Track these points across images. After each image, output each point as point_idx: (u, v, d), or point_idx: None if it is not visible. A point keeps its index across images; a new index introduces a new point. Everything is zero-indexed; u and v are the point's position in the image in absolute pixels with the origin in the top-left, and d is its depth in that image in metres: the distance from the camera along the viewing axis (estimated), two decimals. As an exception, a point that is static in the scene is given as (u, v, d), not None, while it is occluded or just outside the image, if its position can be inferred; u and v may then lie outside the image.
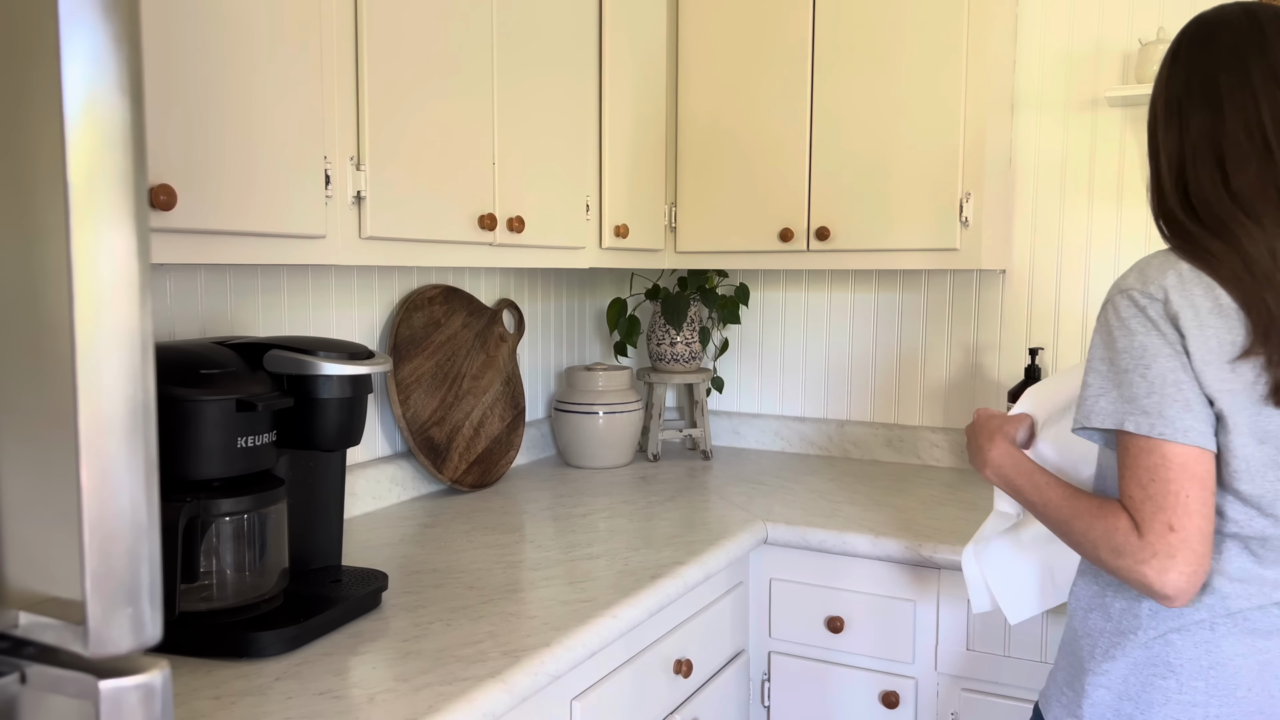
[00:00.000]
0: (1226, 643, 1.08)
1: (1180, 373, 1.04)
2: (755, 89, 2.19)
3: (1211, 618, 1.08)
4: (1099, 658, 1.14)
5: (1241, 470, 1.05)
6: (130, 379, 0.60)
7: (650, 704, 1.52)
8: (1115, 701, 1.12)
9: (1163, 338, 1.05)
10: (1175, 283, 1.06)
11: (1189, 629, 1.09)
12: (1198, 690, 1.09)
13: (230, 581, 1.23)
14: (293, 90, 1.31)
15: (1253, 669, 1.08)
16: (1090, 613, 1.17)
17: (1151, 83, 2.06)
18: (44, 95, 0.58)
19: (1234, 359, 1.03)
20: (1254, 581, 1.08)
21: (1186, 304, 1.05)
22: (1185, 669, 1.09)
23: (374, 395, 1.95)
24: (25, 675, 0.64)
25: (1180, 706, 1.09)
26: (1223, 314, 1.04)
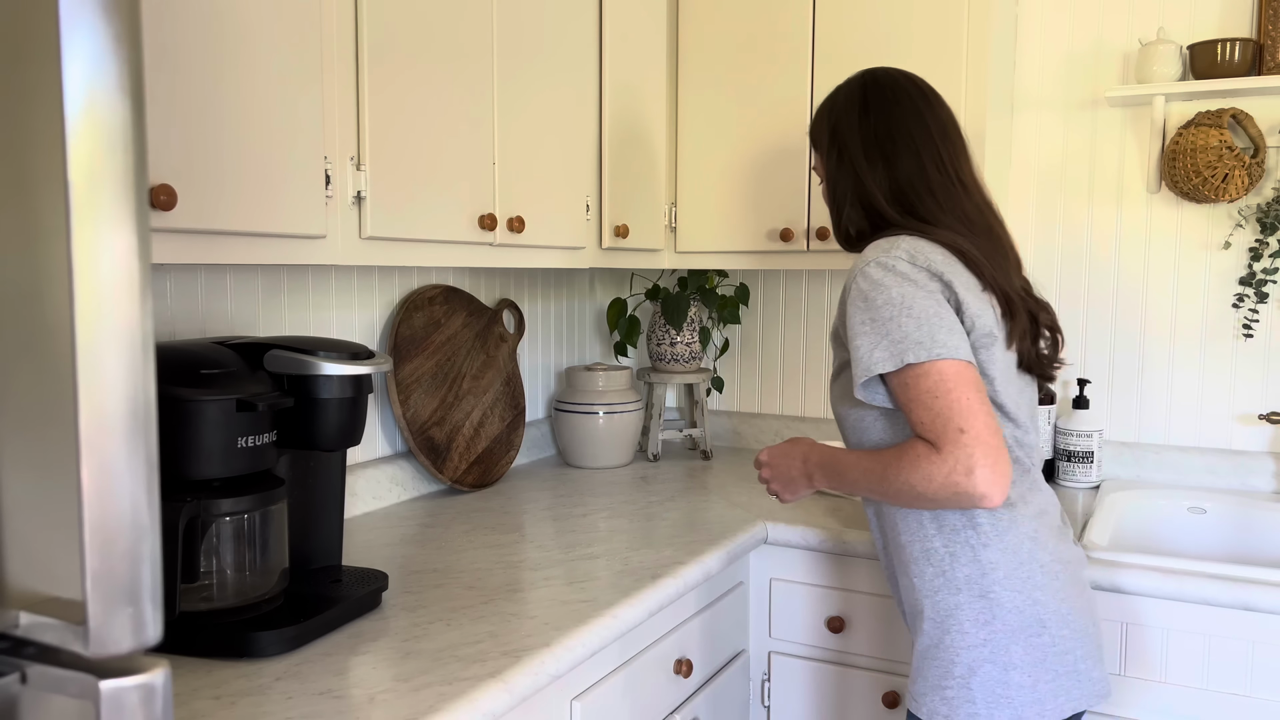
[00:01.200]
0: (1047, 553, 1.29)
1: (938, 307, 1.23)
2: (755, 89, 2.19)
3: (1034, 530, 1.28)
4: (969, 637, 1.27)
5: (1000, 379, 1.28)
6: (131, 379, 0.60)
7: (650, 704, 1.52)
8: (1001, 673, 1.26)
9: (915, 285, 1.24)
10: (913, 244, 1.29)
11: (1030, 563, 1.27)
12: (1065, 638, 1.27)
13: (230, 581, 1.23)
14: (293, 90, 1.31)
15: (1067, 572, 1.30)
16: (937, 594, 1.30)
17: (1153, 82, 2.06)
18: (44, 95, 0.58)
19: (981, 290, 1.29)
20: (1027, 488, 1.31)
21: (933, 253, 1.28)
22: (1051, 620, 1.26)
23: (374, 395, 1.95)
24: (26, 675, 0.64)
25: (1056, 656, 1.26)
26: (955, 262, 1.29)
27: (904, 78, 1.44)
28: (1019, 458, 1.30)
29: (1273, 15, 2.01)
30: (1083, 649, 1.29)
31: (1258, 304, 2.10)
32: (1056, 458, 2.20)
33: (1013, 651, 1.26)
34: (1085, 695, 1.29)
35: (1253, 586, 1.54)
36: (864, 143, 1.40)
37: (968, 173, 1.40)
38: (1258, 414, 2.13)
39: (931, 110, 1.40)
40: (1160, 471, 2.19)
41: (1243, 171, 2.01)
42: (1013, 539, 1.27)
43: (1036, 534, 1.29)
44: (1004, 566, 1.27)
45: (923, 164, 1.37)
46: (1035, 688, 1.26)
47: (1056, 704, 1.26)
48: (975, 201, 1.39)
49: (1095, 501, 2.01)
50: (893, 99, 1.40)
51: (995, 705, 1.26)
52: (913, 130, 1.38)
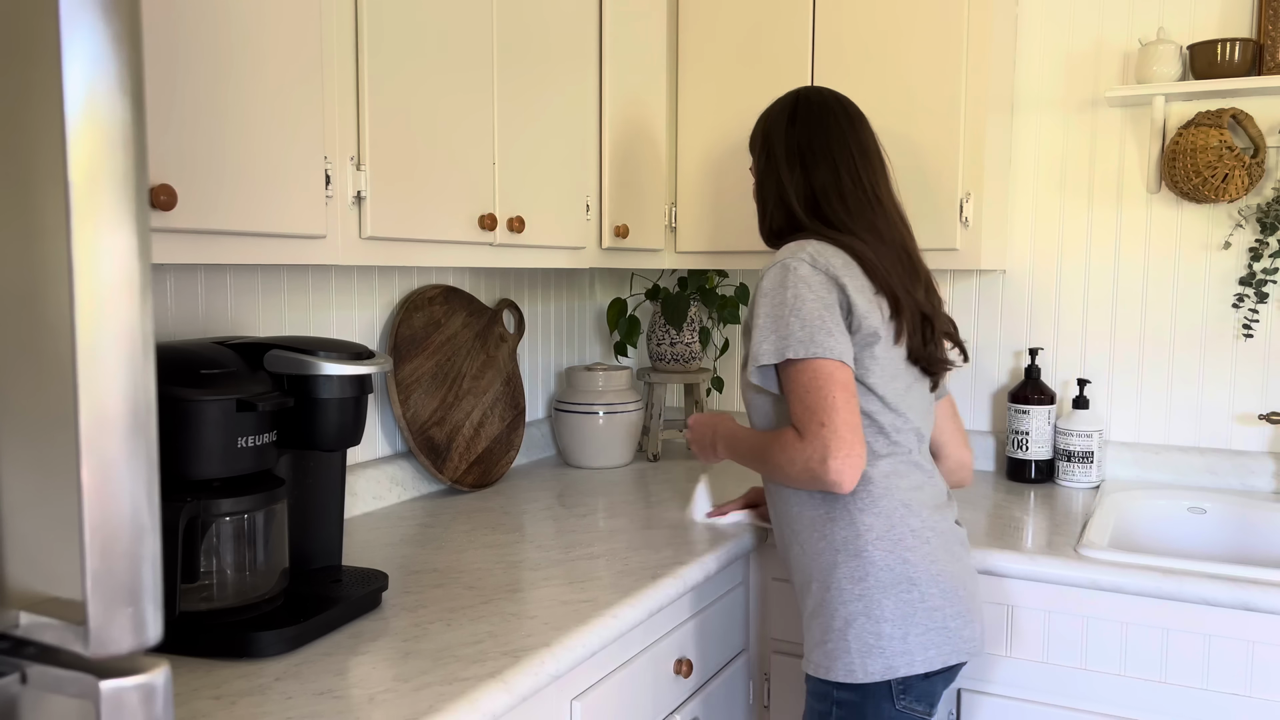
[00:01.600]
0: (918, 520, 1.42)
1: (824, 310, 1.38)
2: (755, 88, 2.19)
3: (907, 500, 1.42)
4: (845, 594, 1.41)
5: (882, 371, 1.43)
6: (131, 379, 0.60)
7: (650, 704, 1.52)
8: (873, 625, 1.39)
9: (810, 287, 1.39)
10: (817, 249, 1.43)
11: (900, 525, 1.41)
12: (933, 596, 1.40)
13: (230, 581, 1.23)
14: (293, 90, 1.31)
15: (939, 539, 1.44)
16: (820, 556, 1.44)
17: (1153, 82, 2.07)
18: (44, 95, 0.58)
19: (874, 294, 1.44)
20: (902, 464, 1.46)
21: (834, 257, 1.43)
22: (921, 578, 1.39)
23: (374, 395, 1.95)
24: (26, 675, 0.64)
25: (925, 612, 1.39)
26: (854, 266, 1.44)
27: (833, 98, 1.58)
28: (897, 440, 1.45)
29: (1273, 15, 2.01)
30: (953, 608, 1.41)
31: (1258, 304, 2.10)
32: (1056, 458, 2.20)
33: (884, 605, 1.39)
34: (955, 650, 1.41)
35: (1253, 586, 1.54)
36: (787, 150, 1.55)
37: (884, 190, 1.54)
38: (1258, 414, 2.13)
39: (854, 130, 1.55)
40: (1160, 471, 2.19)
41: (1243, 171, 2.01)
42: (886, 505, 1.42)
43: (909, 503, 1.43)
44: (876, 529, 1.41)
45: (839, 175, 1.51)
46: (905, 639, 1.39)
47: (926, 656, 1.39)
48: (888, 217, 1.52)
49: (1095, 501, 2.01)
50: (819, 115, 1.55)
51: (868, 655, 1.39)
52: (833, 145, 1.53)
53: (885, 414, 1.44)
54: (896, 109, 2.05)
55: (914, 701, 1.41)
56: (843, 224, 1.49)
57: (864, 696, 1.41)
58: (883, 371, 1.44)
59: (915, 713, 1.42)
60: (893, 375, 1.45)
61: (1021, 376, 2.31)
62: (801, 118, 1.56)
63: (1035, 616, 1.69)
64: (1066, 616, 1.67)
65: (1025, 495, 2.11)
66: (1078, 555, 1.67)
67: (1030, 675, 1.70)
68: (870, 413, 1.44)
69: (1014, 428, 2.21)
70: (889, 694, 1.40)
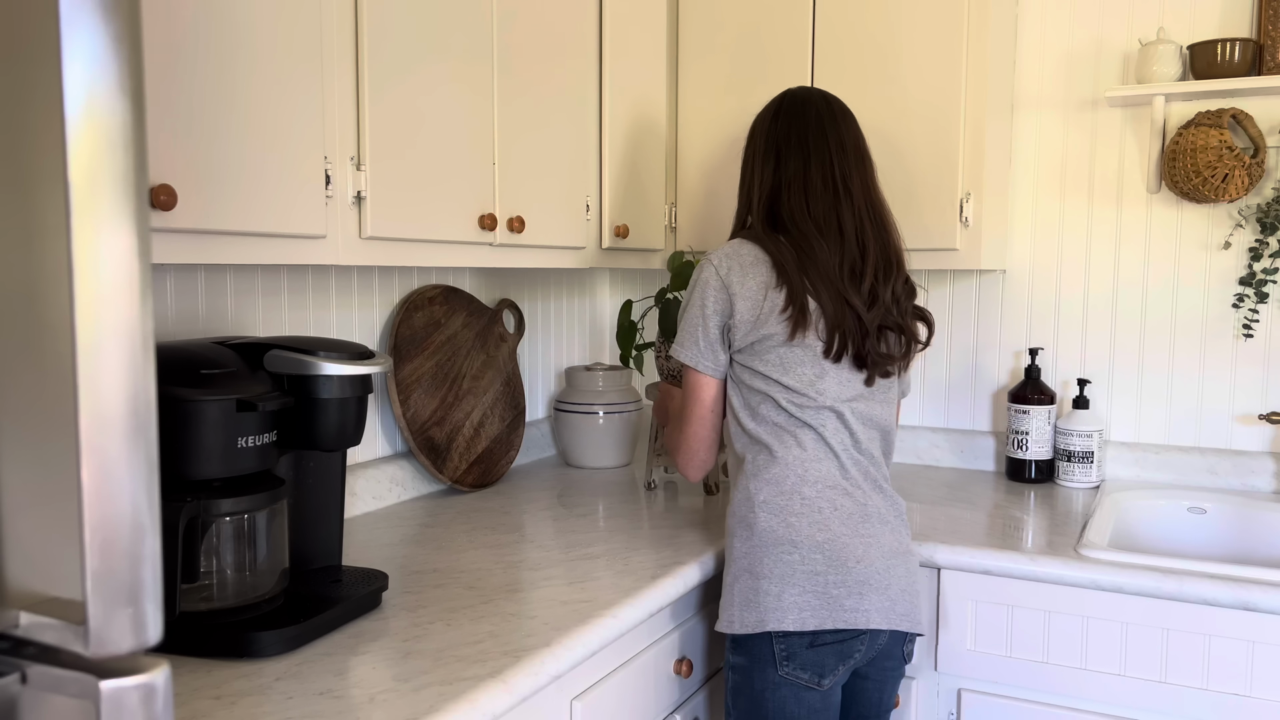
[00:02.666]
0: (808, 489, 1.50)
1: (701, 320, 1.53)
2: (755, 88, 2.18)
3: (803, 472, 1.50)
4: (735, 553, 1.51)
5: (777, 362, 1.50)
6: (131, 379, 0.60)
7: (651, 703, 1.52)
8: (753, 581, 1.47)
9: (702, 292, 1.53)
10: (731, 249, 1.54)
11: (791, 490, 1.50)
12: (817, 562, 1.46)
13: (230, 581, 1.23)
14: (293, 90, 1.31)
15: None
16: (727, 522, 1.56)
17: (1153, 82, 2.07)
18: (44, 95, 0.58)
19: (774, 291, 1.50)
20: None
21: (745, 258, 1.52)
22: (804, 543, 1.46)
23: (374, 395, 1.95)
24: (26, 675, 0.64)
25: (805, 575, 1.46)
26: (762, 265, 1.52)
27: (818, 95, 1.63)
28: (801, 419, 1.50)
29: (1273, 15, 2.01)
30: (838, 576, 1.45)
31: (1258, 304, 2.10)
32: (1056, 458, 2.20)
33: (764, 563, 1.47)
34: (833, 616, 1.44)
35: (1253, 586, 1.54)
36: (765, 145, 1.61)
37: (858, 185, 1.56)
38: (1258, 414, 2.13)
39: (835, 125, 1.58)
40: (1160, 471, 2.19)
41: (1243, 171, 2.01)
42: (777, 473, 1.50)
43: (805, 476, 1.49)
44: (764, 494, 1.50)
45: (808, 168, 1.55)
46: (781, 597, 1.45)
47: (800, 617, 1.44)
48: (855, 211, 1.55)
49: (1095, 501, 2.01)
50: (800, 110, 1.60)
51: (746, 608, 1.47)
52: (810, 138, 1.57)
53: (784, 394, 1.51)
54: (897, 109, 2.05)
55: (798, 669, 1.45)
56: (789, 221, 1.54)
57: (751, 660, 1.47)
58: (781, 363, 1.50)
59: (800, 680, 1.45)
60: (796, 364, 1.50)
61: (1021, 376, 2.31)
62: (784, 113, 1.61)
63: (1035, 616, 1.69)
64: (1066, 616, 1.67)
65: (1025, 495, 2.11)
66: (1078, 555, 1.67)
67: (1030, 675, 1.70)
68: (770, 394, 1.51)
69: (1014, 428, 2.21)
70: (772, 658, 1.46)
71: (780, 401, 1.50)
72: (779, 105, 1.63)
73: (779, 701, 1.46)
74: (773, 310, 1.49)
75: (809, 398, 1.50)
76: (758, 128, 1.65)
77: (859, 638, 1.46)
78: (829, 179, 1.55)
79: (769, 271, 1.51)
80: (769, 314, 1.49)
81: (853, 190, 1.55)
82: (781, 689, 1.46)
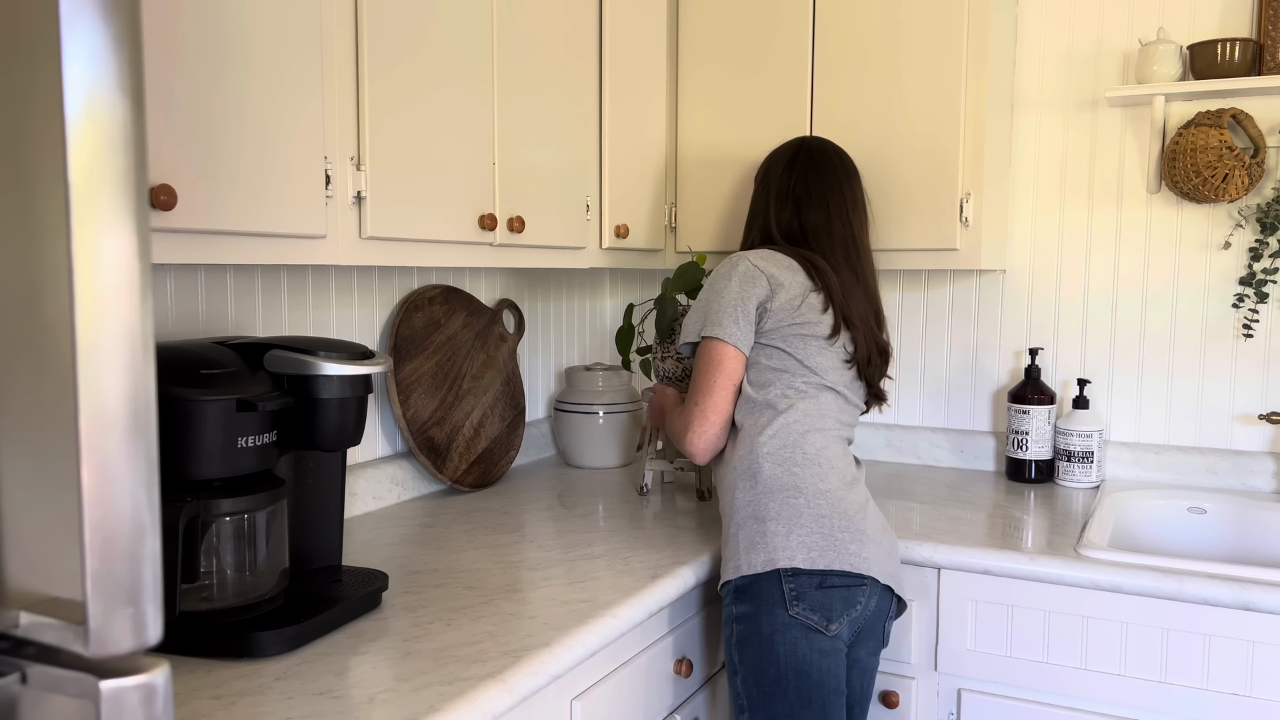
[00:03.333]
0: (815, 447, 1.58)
1: (738, 302, 1.58)
2: (755, 88, 2.19)
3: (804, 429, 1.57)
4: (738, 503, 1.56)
5: (808, 349, 1.60)
6: (131, 379, 0.60)
7: (650, 703, 1.52)
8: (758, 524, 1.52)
9: (735, 281, 1.59)
10: (767, 254, 1.64)
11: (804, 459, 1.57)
12: (821, 507, 1.52)
13: (230, 581, 1.23)
14: (293, 90, 1.31)
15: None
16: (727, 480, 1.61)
17: (1153, 82, 2.07)
18: (44, 95, 0.58)
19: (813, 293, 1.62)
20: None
21: (781, 261, 1.63)
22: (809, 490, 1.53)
23: (374, 395, 1.95)
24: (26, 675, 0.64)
25: (811, 518, 1.52)
26: (799, 272, 1.63)
27: (833, 150, 1.78)
28: (806, 391, 1.60)
29: (1273, 15, 2.01)
30: (841, 523, 1.52)
31: (1258, 304, 2.10)
32: (1056, 458, 2.20)
33: (769, 506, 1.52)
34: (839, 558, 1.49)
35: (1253, 586, 1.54)
36: (779, 191, 1.75)
37: (864, 240, 1.73)
38: (1258, 414, 2.13)
39: (848, 181, 1.75)
40: (1160, 471, 2.19)
41: (1243, 171, 2.01)
42: (783, 432, 1.57)
43: (806, 433, 1.57)
44: (769, 446, 1.56)
45: (830, 218, 1.70)
46: (788, 537, 1.50)
47: (809, 556, 1.49)
48: (863, 261, 1.72)
49: (1095, 501, 2.01)
50: (818, 163, 1.75)
51: (752, 550, 1.51)
52: (827, 191, 1.72)
53: (800, 370, 1.60)
54: (897, 109, 2.05)
55: (808, 609, 1.48)
56: (818, 250, 1.69)
57: (757, 606, 1.49)
58: (805, 347, 1.60)
59: (810, 621, 1.48)
60: (816, 351, 1.61)
61: (1021, 376, 2.31)
62: (801, 163, 1.75)
63: (1035, 616, 1.69)
64: (1066, 616, 1.67)
65: (1025, 495, 2.11)
66: (1078, 555, 1.67)
67: (1030, 675, 1.70)
68: (787, 371, 1.60)
69: (1014, 428, 2.21)
70: (781, 599, 1.48)
71: (796, 382, 1.59)
72: (795, 154, 1.76)
73: (789, 643, 1.48)
74: (812, 309, 1.61)
75: (819, 376, 1.61)
76: (772, 170, 1.77)
77: (862, 586, 1.51)
78: (846, 231, 1.70)
79: (805, 279, 1.62)
80: (808, 311, 1.60)
81: (860, 243, 1.72)
82: (792, 630, 1.48)
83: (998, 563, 1.69)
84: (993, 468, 2.34)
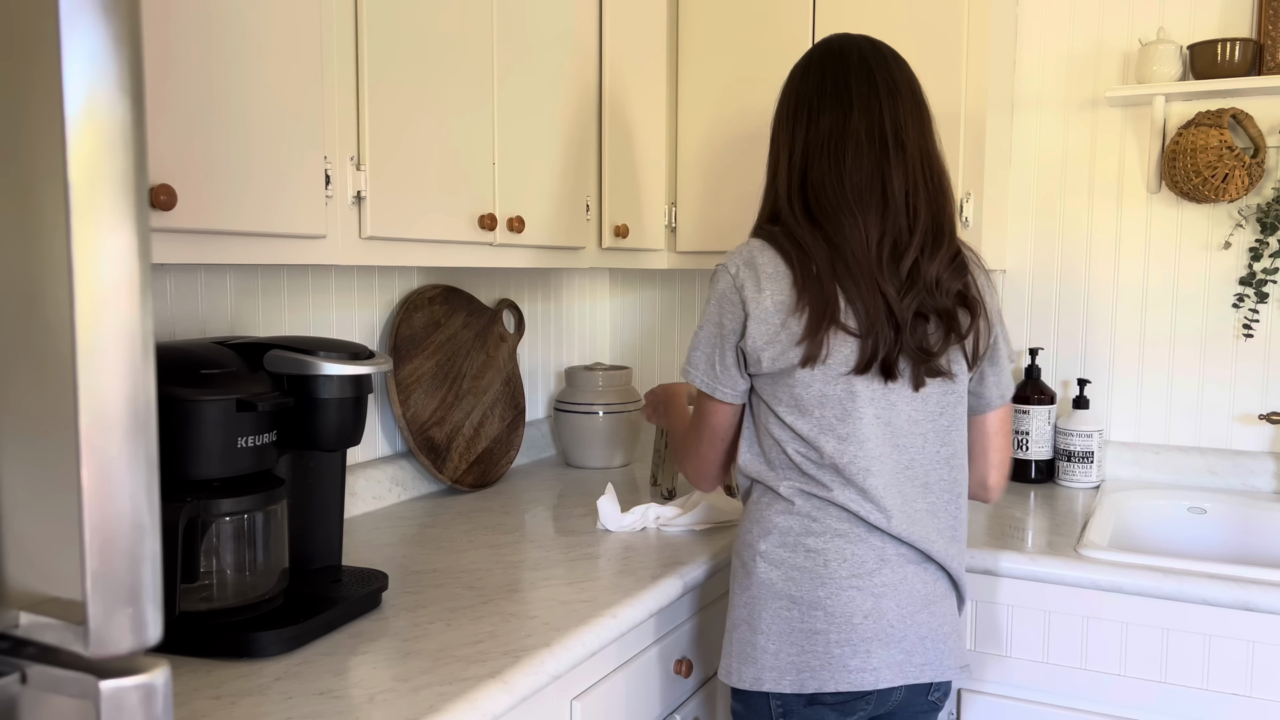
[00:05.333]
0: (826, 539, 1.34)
1: (717, 341, 1.35)
2: (755, 88, 2.19)
3: (810, 525, 1.33)
4: (735, 598, 1.40)
5: (798, 398, 1.31)
6: (131, 379, 0.60)
7: (650, 703, 1.52)
8: (751, 634, 1.35)
9: (717, 307, 1.35)
10: (751, 255, 1.33)
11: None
12: (818, 619, 1.32)
13: (230, 581, 1.23)
14: (293, 90, 1.31)
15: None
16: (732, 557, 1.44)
17: (1153, 82, 2.06)
18: (44, 95, 0.58)
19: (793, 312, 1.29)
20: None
21: (764, 266, 1.31)
22: (804, 599, 1.32)
23: (374, 395, 1.95)
24: (26, 675, 0.64)
25: (804, 634, 1.32)
26: (782, 279, 1.30)
27: (864, 40, 1.36)
28: (809, 474, 1.33)
29: (1273, 15, 2.01)
30: (840, 635, 1.31)
31: (1258, 304, 2.10)
32: (1057, 458, 2.20)
33: (763, 618, 1.35)
34: (834, 679, 1.31)
35: (1253, 586, 1.54)
36: (794, 103, 1.35)
37: (913, 135, 1.32)
38: (1258, 414, 2.13)
39: (884, 66, 1.32)
40: (1160, 472, 2.19)
41: (1243, 171, 2.01)
42: (785, 523, 1.34)
43: (811, 528, 1.33)
44: (770, 542, 1.35)
45: (847, 119, 1.30)
46: (778, 655, 1.33)
47: (799, 678, 1.32)
48: (909, 166, 1.31)
49: (1095, 501, 2.01)
50: (839, 55, 1.34)
51: (744, 662, 1.36)
52: (851, 83, 1.31)
53: (794, 443, 1.33)
54: (896, 109, 2.04)
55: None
56: (820, 198, 1.30)
57: (748, 711, 1.37)
58: (795, 401, 1.31)
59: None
60: (815, 403, 1.31)
61: (1021, 376, 2.31)
62: (817, 63, 1.36)
63: (1035, 616, 1.69)
64: (1066, 616, 1.67)
65: (1025, 495, 2.11)
66: (1078, 555, 1.67)
67: (1030, 675, 1.70)
68: (780, 441, 1.34)
69: (1014, 428, 2.21)
70: (769, 714, 1.34)
71: (790, 454, 1.34)
72: (811, 55, 1.38)
73: None
74: (790, 342, 1.29)
75: (818, 451, 1.31)
76: (787, 88, 1.39)
77: (863, 698, 1.33)
78: (876, 130, 1.30)
79: (789, 290, 1.29)
80: (787, 345, 1.29)
81: (906, 143, 1.31)
82: None
83: (998, 563, 1.69)
84: (993, 468, 2.34)
